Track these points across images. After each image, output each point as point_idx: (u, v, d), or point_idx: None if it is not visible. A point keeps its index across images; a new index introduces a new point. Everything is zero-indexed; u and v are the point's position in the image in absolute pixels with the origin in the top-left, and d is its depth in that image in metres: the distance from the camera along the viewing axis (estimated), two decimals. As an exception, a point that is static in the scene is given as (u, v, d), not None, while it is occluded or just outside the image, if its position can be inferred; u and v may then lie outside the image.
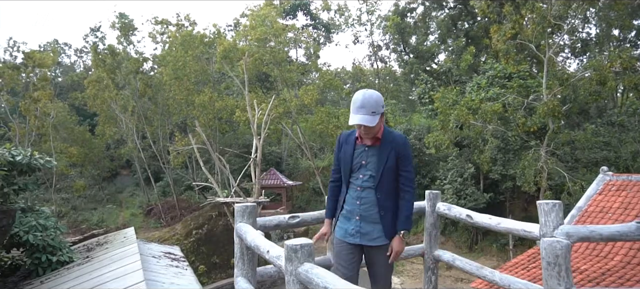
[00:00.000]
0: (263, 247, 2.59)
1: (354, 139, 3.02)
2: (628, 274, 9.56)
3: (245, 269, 3.22)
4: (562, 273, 2.71)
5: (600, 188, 12.62)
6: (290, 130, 30.76)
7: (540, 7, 19.73)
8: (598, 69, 18.55)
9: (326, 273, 1.98)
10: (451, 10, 32.21)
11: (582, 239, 2.81)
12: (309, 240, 2.16)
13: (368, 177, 2.98)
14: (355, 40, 33.68)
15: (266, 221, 3.43)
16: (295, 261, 2.11)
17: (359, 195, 2.99)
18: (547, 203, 2.89)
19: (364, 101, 2.78)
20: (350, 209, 3.03)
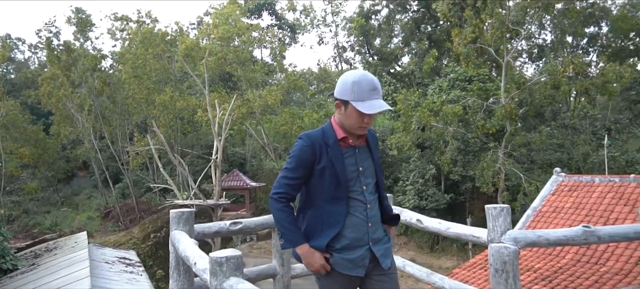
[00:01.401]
0: (192, 258, 2.38)
1: (336, 141, 2.23)
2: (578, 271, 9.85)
3: (181, 280, 2.99)
4: (509, 280, 2.63)
5: (554, 189, 13.01)
6: (254, 131, 30.37)
7: (499, 12, 20.26)
8: (552, 73, 19.22)
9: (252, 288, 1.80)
10: (415, 13, 32.71)
11: (530, 245, 2.75)
12: (236, 251, 1.97)
13: (371, 187, 2.28)
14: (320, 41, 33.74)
15: (205, 227, 3.22)
16: (220, 276, 1.91)
17: (368, 215, 2.24)
18: (495, 208, 2.82)
19: (376, 82, 2.16)
20: (358, 237, 2.21)
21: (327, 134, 2.23)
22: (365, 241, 2.23)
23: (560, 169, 13.91)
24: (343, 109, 2.17)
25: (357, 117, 2.14)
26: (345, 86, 2.15)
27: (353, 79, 2.13)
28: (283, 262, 3.49)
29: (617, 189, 11.76)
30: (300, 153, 2.20)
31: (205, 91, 22.83)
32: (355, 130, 2.19)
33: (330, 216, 2.20)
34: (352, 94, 2.11)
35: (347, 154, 2.23)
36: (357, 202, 2.22)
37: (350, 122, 2.17)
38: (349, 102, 2.12)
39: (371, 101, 2.10)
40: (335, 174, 2.18)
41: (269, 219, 3.54)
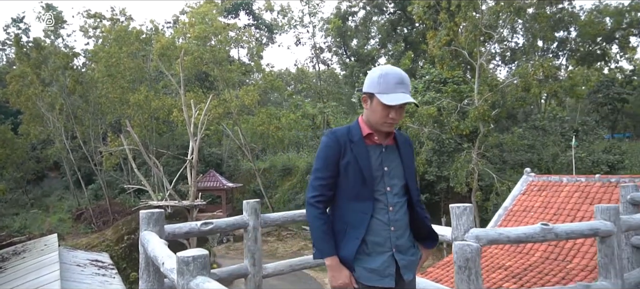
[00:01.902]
0: (160, 258, 2.39)
1: (362, 138, 2.15)
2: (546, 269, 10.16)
3: (150, 281, 2.99)
4: (472, 276, 2.73)
5: (524, 188, 13.38)
6: (231, 131, 30.18)
7: (473, 16, 20.69)
8: (523, 76, 19.74)
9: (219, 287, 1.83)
10: (391, 15, 33.07)
11: (491, 242, 2.85)
12: (203, 251, 2.00)
13: (398, 189, 2.17)
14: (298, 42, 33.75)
15: (175, 228, 3.22)
16: (187, 275, 1.94)
17: (391, 218, 2.13)
18: (459, 207, 2.92)
19: (404, 76, 2.08)
20: (379, 242, 2.10)
21: (353, 131, 2.18)
22: (387, 246, 2.10)
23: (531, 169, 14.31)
24: (369, 103, 2.13)
25: (382, 111, 2.07)
26: (372, 79, 2.11)
27: (380, 72, 2.10)
28: (254, 262, 3.53)
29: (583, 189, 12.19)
30: (326, 150, 2.14)
31: (180, 91, 22.57)
32: (381, 126, 2.12)
33: (355, 214, 2.11)
34: (378, 87, 2.07)
35: (372, 151, 2.15)
36: (379, 203, 2.12)
37: (375, 117, 2.11)
38: (374, 95, 2.07)
39: (396, 94, 2.04)
40: (360, 171, 2.09)
41: (240, 219, 3.57)
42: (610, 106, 36.48)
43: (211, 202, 26.39)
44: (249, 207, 3.56)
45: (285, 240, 25.82)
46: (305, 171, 29.58)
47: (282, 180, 31.95)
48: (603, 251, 3.03)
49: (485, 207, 19.05)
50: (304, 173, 29.80)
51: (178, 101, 27.14)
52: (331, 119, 30.36)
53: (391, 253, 2.10)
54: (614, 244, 2.98)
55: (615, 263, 2.98)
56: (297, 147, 35.60)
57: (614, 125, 40.24)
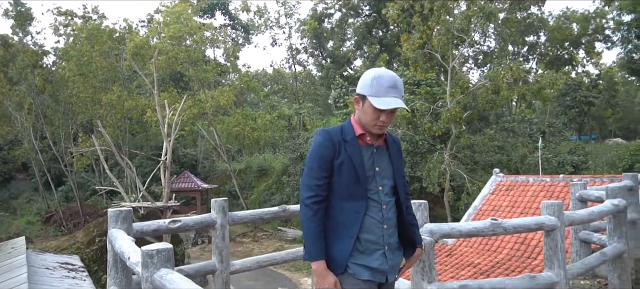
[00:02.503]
0: (126, 253, 2.48)
1: (355, 138, 2.16)
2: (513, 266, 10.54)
3: (118, 277, 3.06)
4: (425, 268, 2.90)
5: (493, 188, 13.82)
6: (206, 132, 29.97)
7: (446, 19, 21.13)
8: (493, 79, 20.29)
9: (180, 278, 1.94)
10: (366, 17, 33.43)
11: (444, 236, 3.03)
12: (167, 244, 2.11)
13: (389, 188, 2.20)
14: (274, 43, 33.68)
15: (143, 225, 3.30)
16: (151, 267, 2.05)
17: (384, 216, 2.15)
18: (414, 203, 3.09)
19: (397, 81, 2.10)
20: (372, 239, 2.11)
21: (346, 130, 2.18)
22: (380, 244, 2.13)
23: (500, 169, 14.77)
24: (361, 105, 2.14)
25: (372, 114, 2.09)
26: (365, 81, 2.12)
27: (374, 74, 2.11)
28: (222, 258, 3.63)
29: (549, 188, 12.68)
30: (321, 149, 2.13)
31: (154, 91, 22.32)
32: (371, 128, 2.13)
33: (348, 214, 2.10)
34: (370, 89, 2.08)
35: (364, 151, 2.16)
36: (372, 202, 2.14)
37: (366, 119, 2.12)
38: (366, 97, 2.09)
39: (387, 98, 2.05)
40: (354, 169, 2.10)
41: (208, 217, 3.67)
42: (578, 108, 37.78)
43: (185, 204, 26.17)
44: (217, 206, 3.66)
45: (260, 241, 25.80)
46: (281, 171, 29.63)
47: (258, 181, 31.91)
48: (548, 244, 3.26)
49: (457, 207, 19.50)
50: (279, 174, 29.84)
51: (152, 101, 26.81)
52: (307, 120, 30.49)
53: (383, 250, 2.12)
54: (557, 237, 3.20)
55: (558, 255, 3.20)
56: (273, 148, 35.60)
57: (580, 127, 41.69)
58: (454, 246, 11.97)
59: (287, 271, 21.07)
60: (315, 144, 2.17)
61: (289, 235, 25.99)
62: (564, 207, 3.51)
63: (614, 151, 26.21)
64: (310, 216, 2.08)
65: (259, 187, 30.68)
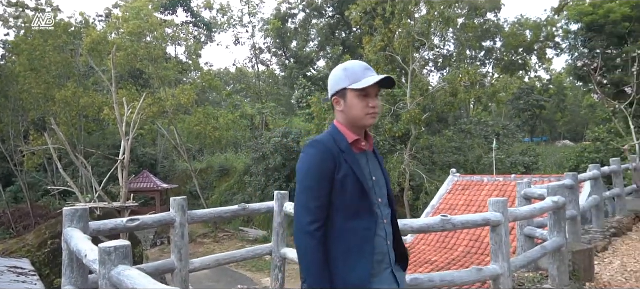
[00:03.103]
0: (83, 251, 2.48)
1: (349, 146, 1.89)
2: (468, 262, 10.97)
3: (74, 277, 3.03)
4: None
5: (450, 188, 14.32)
6: (166, 131, 29.36)
7: (407, 23, 21.64)
8: (451, 82, 20.97)
9: (138, 274, 1.97)
10: (330, 19, 33.72)
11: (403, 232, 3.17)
12: (125, 242, 2.13)
13: (386, 200, 1.97)
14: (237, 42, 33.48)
15: (100, 225, 3.27)
16: (108, 264, 2.07)
17: (387, 232, 1.93)
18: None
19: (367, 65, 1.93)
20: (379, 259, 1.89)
21: (338, 139, 1.88)
22: (387, 262, 1.91)
23: (457, 170, 15.30)
24: (343, 103, 1.90)
25: (360, 102, 1.86)
26: (337, 77, 1.92)
27: (343, 67, 1.93)
28: (181, 257, 3.64)
29: (502, 188, 13.28)
30: (321, 164, 1.81)
31: (112, 88, 21.69)
32: (363, 120, 1.88)
33: (358, 233, 1.83)
34: (347, 80, 1.87)
35: (361, 160, 1.90)
36: (378, 217, 1.89)
37: (355, 112, 1.87)
38: (346, 89, 1.87)
39: (367, 78, 1.85)
40: (359, 182, 1.82)
41: (167, 215, 3.67)
42: (530, 112, 39.56)
43: (144, 204, 25.56)
44: (176, 204, 3.68)
45: (222, 242, 25.55)
46: (243, 171, 29.41)
47: (219, 181, 31.54)
48: (494, 239, 3.48)
49: (416, 206, 20.02)
50: (241, 174, 29.61)
51: (109, 98, 26.04)
52: (270, 120, 30.43)
53: (391, 269, 1.92)
54: (502, 232, 3.43)
55: (503, 249, 3.43)
56: (235, 148, 35.29)
57: (533, 130, 43.67)
58: (412, 244, 12.32)
59: (249, 271, 20.98)
60: (310, 159, 1.85)
61: (250, 235, 25.85)
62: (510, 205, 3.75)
63: (562, 152, 27.65)
64: (314, 245, 1.77)
65: (221, 188, 30.35)
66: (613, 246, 6.35)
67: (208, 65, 38.67)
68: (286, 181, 25.70)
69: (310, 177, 1.83)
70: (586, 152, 20.63)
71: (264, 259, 22.77)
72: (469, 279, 3.36)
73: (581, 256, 4.65)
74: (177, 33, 32.04)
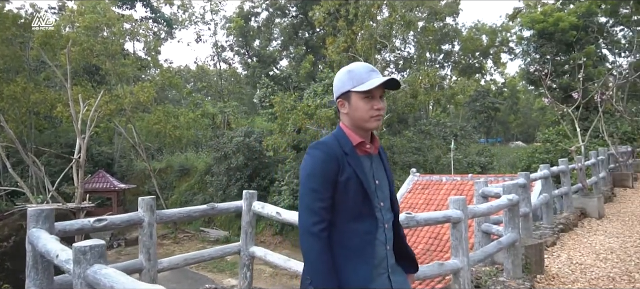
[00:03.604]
0: (53, 251, 2.46)
1: (353, 148, 1.89)
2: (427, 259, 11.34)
3: (38, 278, 2.97)
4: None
5: (410, 187, 14.72)
6: (123, 129, 28.49)
7: (369, 25, 22.06)
8: (412, 84, 21.52)
9: (115, 273, 1.99)
10: (293, 18, 33.75)
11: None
12: (100, 241, 2.14)
13: (387, 204, 1.97)
14: (199, 39, 32.83)
15: (66, 225, 3.22)
16: (84, 263, 2.07)
17: (387, 236, 1.93)
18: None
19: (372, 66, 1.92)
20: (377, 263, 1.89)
21: (342, 141, 1.88)
22: (383, 267, 1.90)
23: (417, 169, 15.74)
24: (347, 105, 1.90)
25: (364, 104, 1.85)
26: (341, 80, 1.92)
27: (347, 69, 1.93)
28: (149, 257, 3.63)
29: (459, 187, 13.79)
30: (324, 166, 1.82)
31: (67, 84, 20.85)
32: (368, 122, 1.87)
33: (359, 236, 1.84)
34: (351, 82, 1.87)
35: (365, 163, 1.90)
36: (379, 221, 1.90)
37: (359, 114, 1.87)
38: (350, 91, 1.87)
39: (372, 80, 1.84)
40: (361, 185, 1.83)
41: (135, 215, 3.65)
42: (486, 113, 41.08)
43: (100, 205, 24.70)
44: (144, 204, 3.66)
45: (181, 243, 25.08)
46: (204, 171, 28.97)
47: (179, 181, 30.91)
48: (454, 235, 3.67)
49: (377, 205, 20.40)
50: (202, 174, 29.14)
51: (63, 94, 25.00)
52: (232, 119, 30.12)
53: (387, 274, 1.91)
54: (462, 228, 3.63)
55: (463, 244, 3.63)
56: (195, 147, 34.70)
57: (488, 131, 45.37)
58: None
59: (210, 272, 20.72)
60: (313, 160, 1.85)
61: (211, 236, 25.50)
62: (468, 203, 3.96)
63: (515, 152, 28.90)
64: (321, 247, 1.77)
65: (181, 187, 29.75)
66: (561, 241, 6.78)
67: (167, 62, 37.78)
68: (248, 180, 25.53)
69: (313, 179, 1.83)
70: (537, 152, 21.70)
71: (225, 260, 22.56)
72: (431, 273, 3.54)
73: (533, 250, 4.96)
74: (136, 28, 31.14)
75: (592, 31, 24.86)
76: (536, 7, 29.94)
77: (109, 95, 24.82)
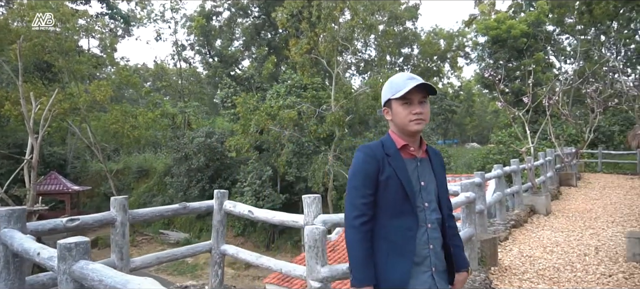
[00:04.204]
0: (32, 250, 2.49)
1: (397, 150, 2.01)
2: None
3: (11, 279, 2.96)
4: (319, 253, 3.33)
5: (371, 187, 15.09)
6: (78, 129, 27.46)
7: (332, 28, 22.34)
8: (373, 86, 21.98)
9: (103, 268, 2.07)
10: (255, 19, 33.64)
11: (336, 225, 3.49)
12: (84, 238, 2.21)
13: (435, 205, 2.05)
14: (158, 37, 32.11)
15: (38, 225, 3.22)
16: (69, 260, 2.13)
17: (430, 236, 1.99)
18: (310, 197, 3.51)
19: (413, 74, 2.03)
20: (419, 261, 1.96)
21: (387, 144, 2.03)
22: (427, 265, 1.96)
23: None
24: (390, 112, 2.03)
25: (403, 110, 1.97)
26: (384, 90, 2.06)
27: (390, 79, 2.05)
28: (122, 256, 3.66)
29: (418, 186, 14.26)
30: (364, 165, 1.97)
31: (18, 81, 19.93)
32: (408, 125, 1.97)
33: (400, 232, 1.94)
34: (390, 91, 2.00)
35: (408, 165, 2.01)
36: (421, 221, 1.98)
37: (399, 119, 1.99)
38: (391, 99, 2.00)
39: (409, 80, 1.95)
40: (401, 185, 1.95)
41: (108, 215, 3.67)
42: (443, 116, 42.37)
43: (53, 208, 23.75)
44: (117, 204, 3.69)
45: (140, 246, 24.51)
46: (164, 172, 28.38)
47: (138, 182, 30.13)
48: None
49: (339, 206, 20.72)
50: (161, 175, 28.54)
51: (11, 92, 23.84)
52: (192, 119, 29.68)
53: (430, 272, 1.96)
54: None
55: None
56: (154, 148, 33.89)
57: (445, 132, 46.84)
58: (336, 242, 12.83)
59: (170, 275, 20.41)
60: (357, 161, 2.01)
61: (171, 238, 25.05)
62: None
63: (471, 153, 30.06)
64: (359, 238, 1.92)
65: (139, 189, 29.02)
66: (512, 236, 7.24)
67: (124, 60, 36.59)
68: (209, 181, 25.26)
69: (355, 177, 1.98)
70: (491, 153, 22.72)
71: (186, 262, 22.23)
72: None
73: (487, 245, 5.32)
74: (91, 25, 30.05)
75: (541, 39, 26.29)
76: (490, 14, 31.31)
77: (62, 93, 23.88)
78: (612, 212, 9.05)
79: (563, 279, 5.06)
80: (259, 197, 21.89)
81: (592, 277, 5.09)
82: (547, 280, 5.03)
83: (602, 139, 21.56)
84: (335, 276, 3.35)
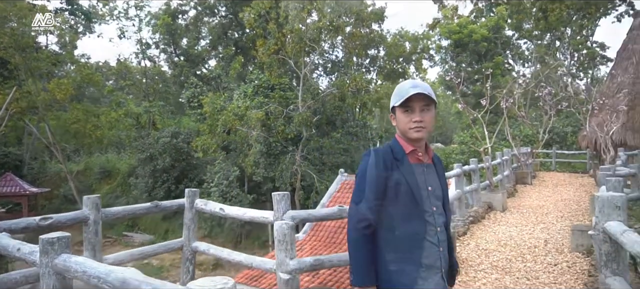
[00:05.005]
0: (11, 246, 2.58)
1: (405, 155, 2.04)
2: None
3: (-15, 276, 3.02)
4: (288, 247, 3.53)
5: (339, 187, 15.36)
6: (36, 128, 26.51)
7: (299, 28, 22.51)
8: (340, 87, 22.32)
9: (85, 260, 2.20)
10: (222, 18, 33.38)
11: (303, 221, 3.71)
12: (66, 233, 2.33)
13: (441, 209, 2.09)
14: (121, 35, 31.26)
15: (12, 224, 3.27)
16: (51, 254, 2.25)
17: (439, 239, 2.03)
18: (279, 194, 3.70)
19: (418, 81, 2.09)
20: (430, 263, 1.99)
21: (395, 149, 2.06)
22: (437, 266, 2.00)
23: (345, 170, 16.43)
24: (395, 118, 2.10)
25: (404, 117, 2.02)
26: (391, 97, 2.11)
27: (396, 87, 2.11)
28: (95, 253, 3.74)
29: (383, 185, 14.63)
30: (373, 170, 2.00)
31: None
32: (408, 132, 2.02)
33: (409, 237, 1.97)
34: (395, 98, 2.06)
35: (416, 170, 2.05)
36: (428, 224, 2.01)
37: (402, 126, 2.04)
38: (394, 106, 2.06)
39: (411, 88, 2.00)
40: (410, 189, 1.98)
41: (80, 213, 3.74)
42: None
43: (9, 211, 22.88)
44: (90, 202, 3.76)
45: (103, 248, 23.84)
46: (127, 173, 27.78)
47: (100, 184, 29.35)
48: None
49: (306, 205, 20.91)
50: (125, 176, 27.94)
51: (-36, 90, 22.81)
52: (158, 119, 29.18)
53: (441, 273, 2.01)
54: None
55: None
56: (117, 148, 33.08)
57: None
58: (304, 241, 13.03)
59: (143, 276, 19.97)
60: (365, 165, 2.05)
61: (135, 240, 24.56)
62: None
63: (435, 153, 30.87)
64: (362, 241, 1.95)
65: (101, 191, 28.25)
66: (471, 231, 7.66)
67: (85, 57, 35.45)
68: (175, 182, 24.95)
69: (363, 181, 2.01)
70: (454, 153, 23.49)
71: (151, 264, 21.86)
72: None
73: (446, 239, 5.64)
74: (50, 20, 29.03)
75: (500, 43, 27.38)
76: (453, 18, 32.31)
77: (19, 91, 23.05)
78: (562, 208, 9.67)
79: (514, 269, 5.46)
80: (227, 198, 21.78)
81: (539, 266, 5.52)
82: (500, 270, 5.41)
83: (556, 139, 22.72)
84: (303, 268, 3.56)
